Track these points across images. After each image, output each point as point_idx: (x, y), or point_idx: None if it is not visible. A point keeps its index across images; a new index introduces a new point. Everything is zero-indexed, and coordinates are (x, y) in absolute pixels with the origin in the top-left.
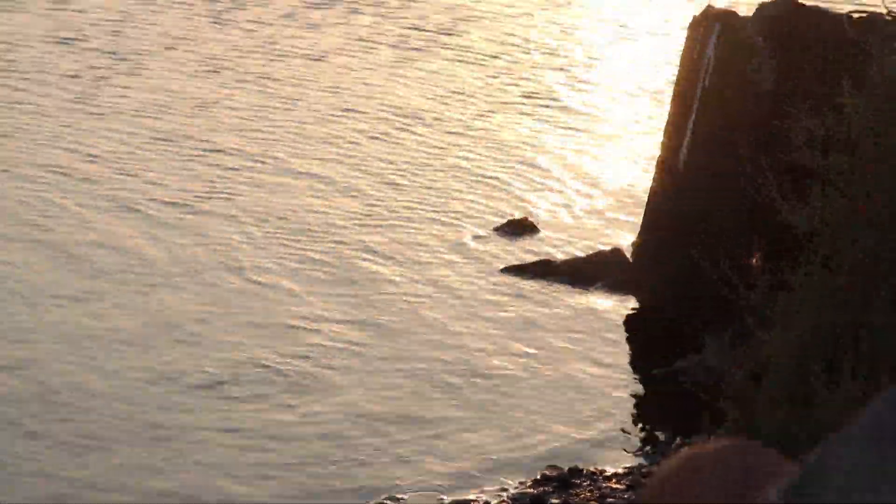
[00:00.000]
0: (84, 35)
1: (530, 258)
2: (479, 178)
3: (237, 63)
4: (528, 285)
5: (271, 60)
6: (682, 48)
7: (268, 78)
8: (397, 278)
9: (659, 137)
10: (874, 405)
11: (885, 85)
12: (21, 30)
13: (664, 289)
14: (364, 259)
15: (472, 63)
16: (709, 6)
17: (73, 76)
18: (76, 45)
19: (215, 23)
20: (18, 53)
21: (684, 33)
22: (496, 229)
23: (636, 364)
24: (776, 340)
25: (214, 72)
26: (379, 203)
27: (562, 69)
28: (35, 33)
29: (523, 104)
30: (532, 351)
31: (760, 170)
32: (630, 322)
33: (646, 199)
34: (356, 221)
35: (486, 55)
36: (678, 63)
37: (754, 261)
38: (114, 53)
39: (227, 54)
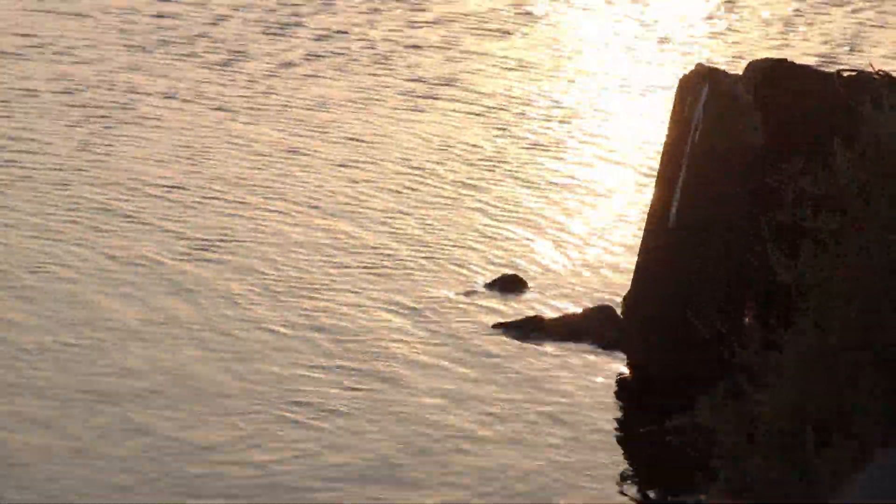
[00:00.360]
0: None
1: (521, 315)
2: (471, 234)
3: (236, 113)
4: (519, 342)
5: (270, 110)
6: (672, 105)
7: (268, 128)
8: (389, 333)
9: (650, 194)
10: (871, 471)
11: (875, 144)
12: (24, 81)
13: (655, 346)
14: (356, 313)
15: (471, 115)
16: (698, 64)
17: (73, 125)
18: (79, 95)
19: (219, 72)
20: (22, 102)
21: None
22: (487, 285)
23: (627, 422)
24: (768, 399)
25: (215, 121)
26: (372, 257)
27: (555, 125)
28: (37, 85)
29: (516, 159)
30: (521, 409)
31: (751, 227)
32: (621, 379)
33: (636, 255)
34: (349, 275)
35: (484, 107)
36: (668, 119)
37: (746, 318)
38: (117, 103)
39: (229, 103)
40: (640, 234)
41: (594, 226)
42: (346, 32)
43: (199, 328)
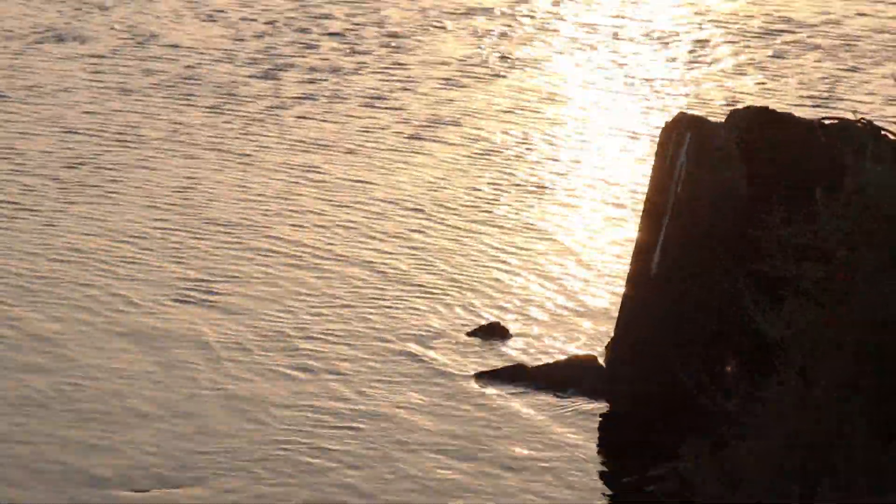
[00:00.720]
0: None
1: (503, 364)
2: (455, 280)
3: (228, 155)
4: (501, 391)
5: (261, 153)
6: (654, 153)
7: (258, 170)
8: (370, 381)
9: (632, 243)
10: None
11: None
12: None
13: (638, 395)
14: (338, 361)
15: (459, 158)
16: (681, 112)
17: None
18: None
19: (209, 115)
20: (10, 146)
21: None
22: (469, 334)
23: (610, 471)
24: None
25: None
26: (355, 303)
27: (539, 169)
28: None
29: (501, 204)
30: (503, 458)
31: (733, 277)
32: (603, 429)
33: (619, 304)
34: (332, 321)
35: (472, 151)
36: (651, 167)
37: (728, 368)
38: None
39: (221, 146)
40: (624, 281)
41: (578, 272)
42: (335, 73)
43: (186, 370)
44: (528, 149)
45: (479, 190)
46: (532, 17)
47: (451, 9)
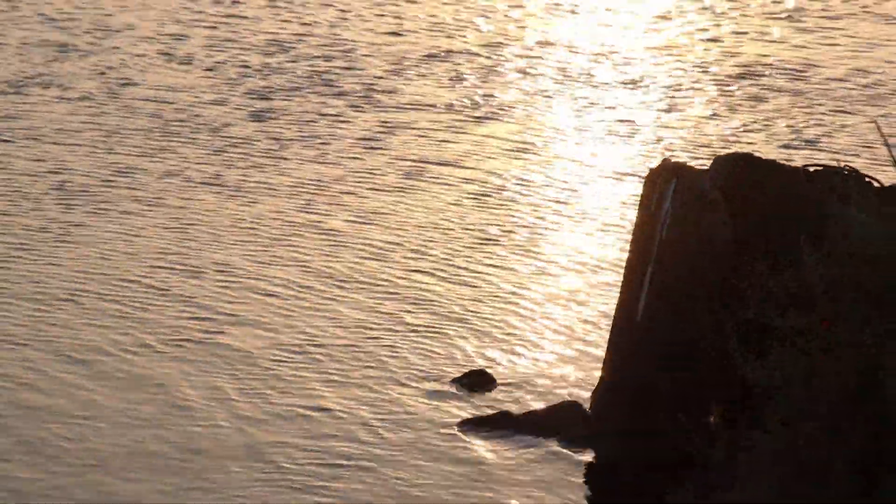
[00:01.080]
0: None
1: (488, 411)
2: (439, 326)
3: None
4: (486, 439)
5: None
6: (639, 199)
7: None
8: (354, 428)
9: (617, 289)
10: None
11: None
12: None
13: (623, 442)
14: (322, 405)
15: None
16: (665, 159)
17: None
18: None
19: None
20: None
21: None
22: (454, 381)
23: None
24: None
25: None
26: (339, 349)
27: (526, 213)
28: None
29: (485, 250)
30: None
31: (719, 324)
32: (589, 476)
33: (604, 351)
34: (316, 366)
35: (464, 192)
36: (636, 214)
37: (713, 417)
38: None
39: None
40: (609, 328)
41: (565, 317)
42: (322, 116)
43: (176, 411)
44: (514, 193)
45: (468, 233)
46: (510, 60)
47: (428, 53)
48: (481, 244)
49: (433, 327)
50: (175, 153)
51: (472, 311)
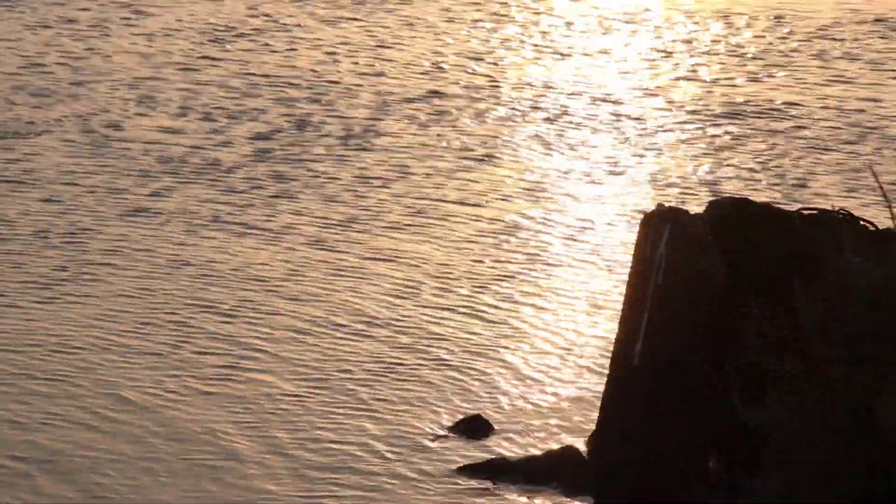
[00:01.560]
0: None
1: (485, 457)
2: (437, 371)
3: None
4: (482, 487)
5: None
6: (634, 244)
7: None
8: (348, 476)
9: (613, 334)
10: None
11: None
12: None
13: (621, 489)
14: (318, 451)
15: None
16: (659, 204)
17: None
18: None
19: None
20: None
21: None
22: (450, 427)
23: None
24: None
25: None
26: (335, 393)
27: (519, 259)
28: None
29: (476, 292)
30: None
31: (715, 368)
32: None
33: (601, 396)
34: (310, 411)
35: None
36: (631, 259)
37: (711, 462)
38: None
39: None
40: (607, 373)
41: (563, 362)
42: (320, 157)
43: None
44: (508, 237)
45: (458, 279)
46: (505, 104)
47: (423, 94)
48: (477, 291)
49: (430, 372)
50: (183, 194)
51: (469, 356)
